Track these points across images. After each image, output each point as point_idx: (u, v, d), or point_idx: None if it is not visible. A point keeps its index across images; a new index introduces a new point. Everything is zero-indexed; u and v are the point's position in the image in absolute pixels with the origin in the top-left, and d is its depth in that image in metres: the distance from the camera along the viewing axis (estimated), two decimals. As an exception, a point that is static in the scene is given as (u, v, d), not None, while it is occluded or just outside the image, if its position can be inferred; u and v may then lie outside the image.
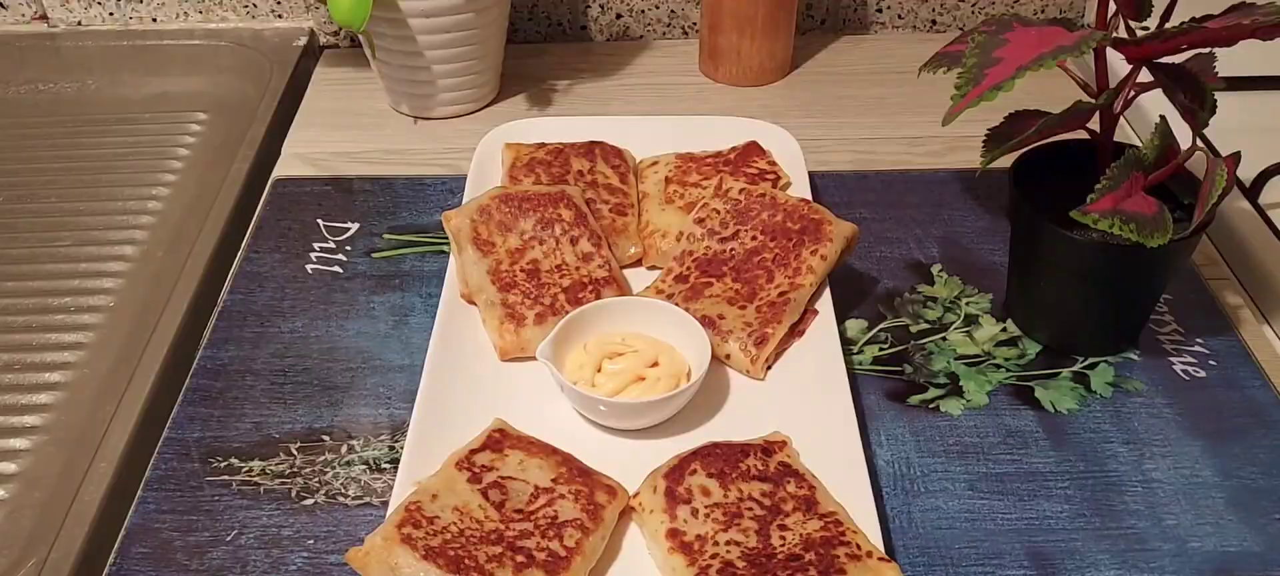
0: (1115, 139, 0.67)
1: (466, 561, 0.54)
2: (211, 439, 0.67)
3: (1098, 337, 0.72)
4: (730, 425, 0.66)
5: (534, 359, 0.67)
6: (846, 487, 0.60)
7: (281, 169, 0.92)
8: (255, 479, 0.64)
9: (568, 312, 0.69)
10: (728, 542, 0.56)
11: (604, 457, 0.63)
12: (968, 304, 0.76)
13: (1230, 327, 0.74)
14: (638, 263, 0.78)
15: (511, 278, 0.72)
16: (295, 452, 0.66)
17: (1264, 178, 0.82)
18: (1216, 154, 0.65)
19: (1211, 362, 0.72)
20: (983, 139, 0.67)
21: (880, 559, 0.55)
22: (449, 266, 0.75)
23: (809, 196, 0.79)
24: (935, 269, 0.80)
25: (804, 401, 0.66)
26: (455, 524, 0.56)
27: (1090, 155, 0.68)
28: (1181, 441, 0.66)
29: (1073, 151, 0.70)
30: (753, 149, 0.84)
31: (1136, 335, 0.73)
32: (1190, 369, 0.71)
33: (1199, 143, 0.64)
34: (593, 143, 0.84)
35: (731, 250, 0.74)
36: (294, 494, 0.63)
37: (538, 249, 0.74)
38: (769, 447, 0.62)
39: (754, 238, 0.74)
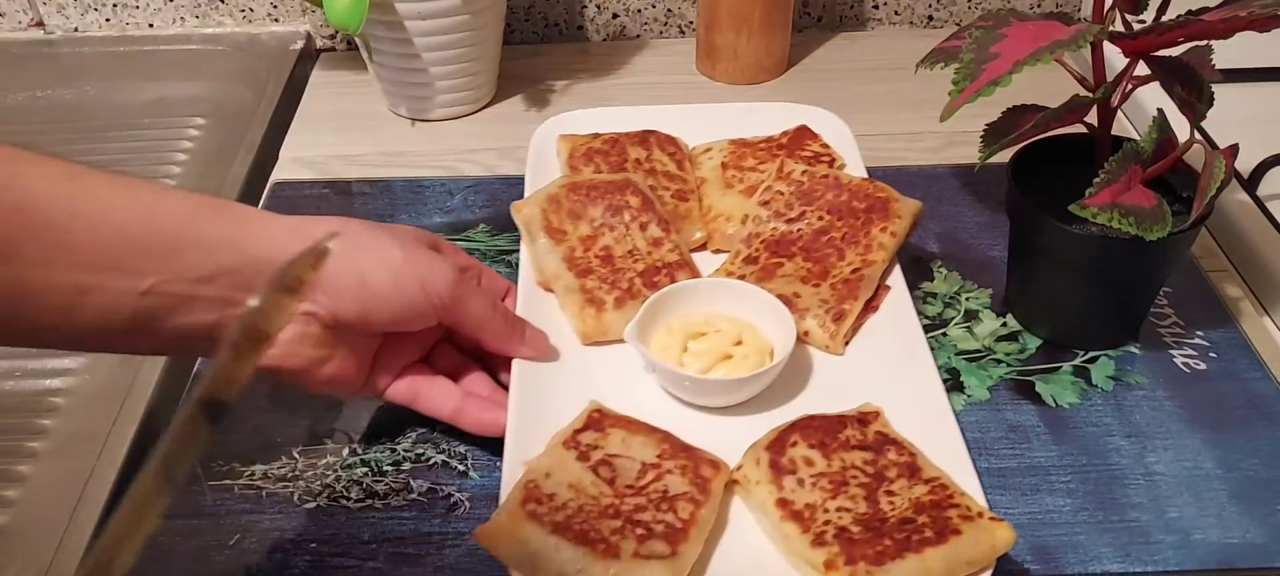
0: (1113, 133, 0.67)
1: (592, 534, 0.54)
2: (213, 443, 0.67)
3: (1098, 331, 0.72)
4: (816, 400, 0.66)
5: (613, 343, 0.68)
6: (943, 452, 0.60)
7: (280, 172, 0.92)
8: (257, 482, 0.64)
9: (646, 296, 0.69)
10: (838, 509, 0.56)
11: (693, 436, 0.63)
12: (968, 299, 0.76)
13: (1230, 319, 0.75)
14: (702, 247, 0.79)
15: (587, 264, 0.72)
16: (297, 455, 0.66)
17: (1262, 169, 0.82)
18: (1214, 146, 0.65)
19: (1212, 355, 0.72)
20: (981, 134, 0.67)
21: (992, 518, 0.55)
22: (521, 254, 0.75)
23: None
24: (935, 264, 0.80)
25: (887, 373, 0.66)
26: (573, 499, 0.57)
27: (1088, 149, 0.68)
28: (1183, 434, 0.67)
29: (1071, 146, 0.70)
30: (804, 132, 0.85)
31: (1137, 328, 0.73)
32: (1191, 361, 0.71)
33: (1197, 135, 0.64)
34: (646, 132, 0.85)
35: (799, 231, 0.74)
36: (296, 497, 0.63)
37: (609, 235, 0.74)
38: (864, 418, 0.62)
39: (821, 217, 0.75)
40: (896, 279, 0.72)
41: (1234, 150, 0.64)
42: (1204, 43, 0.64)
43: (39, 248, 0.48)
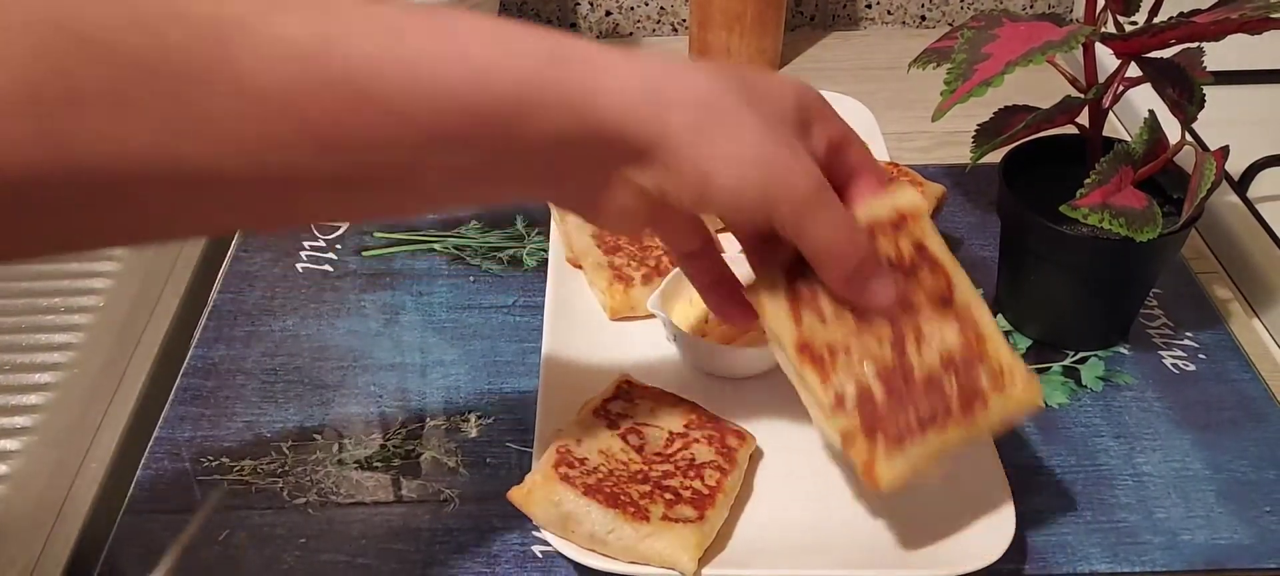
0: (1104, 134, 0.68)
1: (622, 497, 0.56)
2: (202, 438, 0.67)
3: (1088, 332, 0.72)
4: None
5: (641, 318, 0.70)
6: None
7: (271, 167, 0.91)
8: (247, 478, 0.64)
9: (672, 271, 0.71)
10: (860, 357, 0.51)
11: (715, 407, 0.64)
12: (958, 299, 0.76)
13: (1219, 321, 0.75)
14: (722, 229, 0.79)
15: (615, 242, 0.75)
16: (287, 451, 0.66)
17: (1253, 171, 0.83)
18: (1205, 147, 0.66)
19: (1201, 356, 0.72)
20: (972, 134, 0.67)
21: (1024, 380, 0.52)
22: (552, 232, 0.78)
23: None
24: (926, 264, 0.80)
25: None
26: (603, 465, 0.58)
27: (1079, 150, 0.68)
28: (1172, 435, 0.67)
29: (1062, 146, 0.70)
30: None
31: (1126, 329, 0.73)
32: (1180, 362, 0.72)
33: (1187, 136, 0.64)
34: None
35: None
36: (286, 493, 0.63)
37: None
38: (901, 219, 0.53)
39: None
40: None
41: (1225, 152, 0.64)
42: (1195, 44, 0.64)
43: (366, 131, 0.43)
